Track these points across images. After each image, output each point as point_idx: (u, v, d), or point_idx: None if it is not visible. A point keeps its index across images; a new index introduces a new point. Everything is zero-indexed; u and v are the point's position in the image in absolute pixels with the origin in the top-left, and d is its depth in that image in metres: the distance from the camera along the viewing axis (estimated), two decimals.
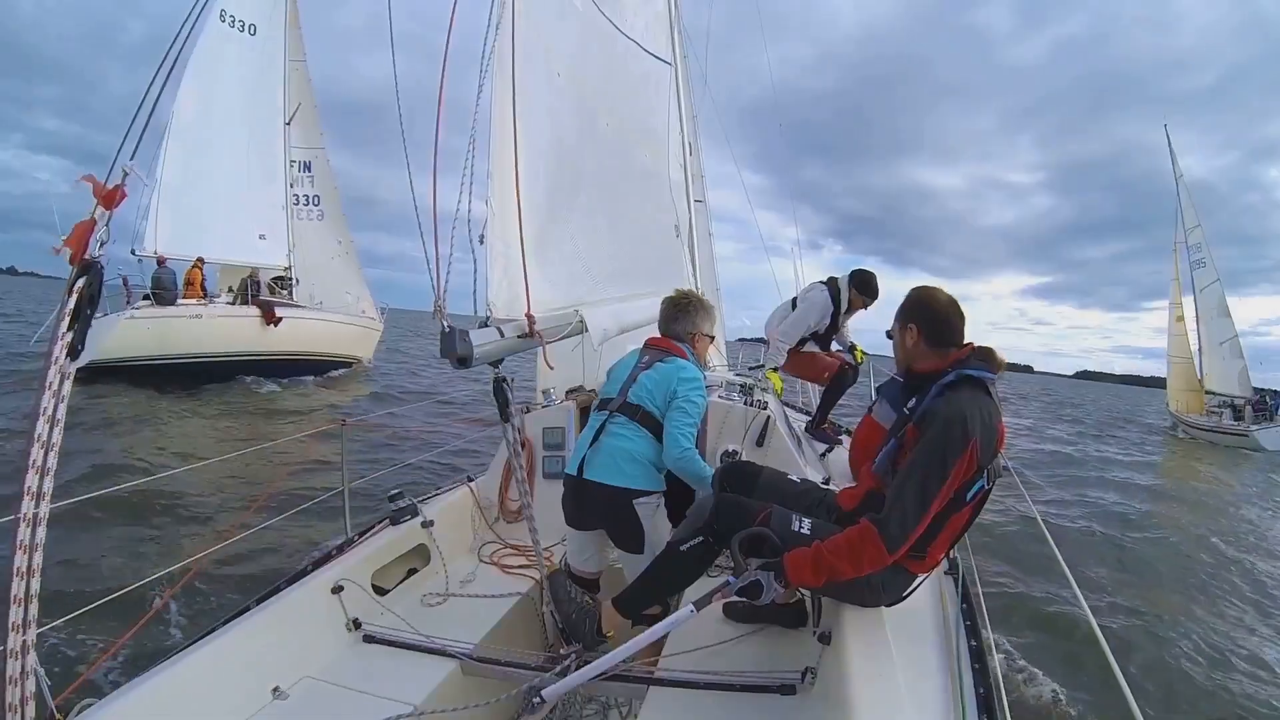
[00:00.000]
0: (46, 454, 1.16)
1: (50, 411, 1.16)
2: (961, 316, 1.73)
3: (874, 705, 1.39)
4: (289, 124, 14.02)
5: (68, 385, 1.19)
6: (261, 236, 13.39)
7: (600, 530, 2.23)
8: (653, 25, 3.45)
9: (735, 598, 1.64)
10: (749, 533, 1.68)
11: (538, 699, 1.60)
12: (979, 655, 1.73)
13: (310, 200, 15.27)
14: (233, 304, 12.84)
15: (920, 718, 1.48)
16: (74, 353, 1.18)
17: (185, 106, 11.77)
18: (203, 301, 12.31)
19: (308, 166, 15.06)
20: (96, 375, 10.37)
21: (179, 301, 11.86)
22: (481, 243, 1.75)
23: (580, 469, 2.15)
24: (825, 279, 4.12)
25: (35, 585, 1.17)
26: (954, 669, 1.68)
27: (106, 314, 10.86)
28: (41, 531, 1.17)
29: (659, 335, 2.38)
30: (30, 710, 1.19)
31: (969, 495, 1.62)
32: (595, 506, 2.15)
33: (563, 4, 2.48)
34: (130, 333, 10.86)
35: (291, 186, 14.33)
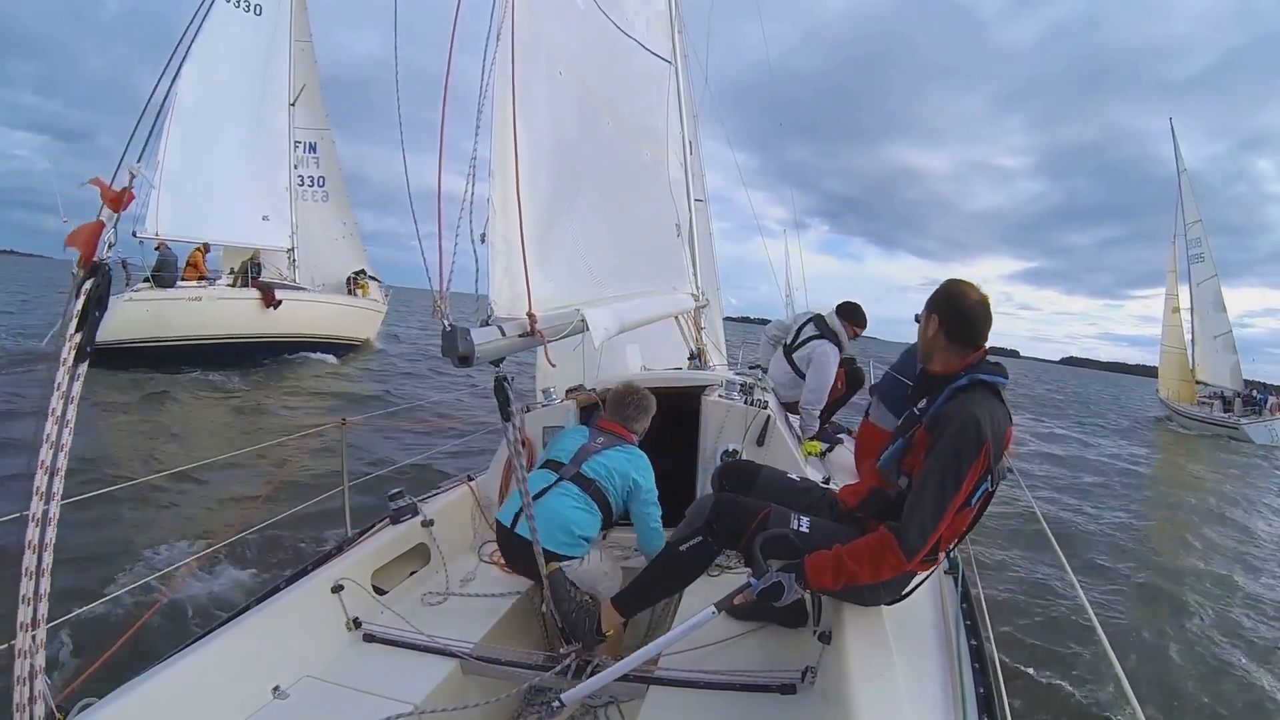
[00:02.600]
0: (56, 454, 1.16)
1: (60, 412, 1.16)
2: (988, 319, 1.69)
3: (874, 705, 1.39)
4: (294, 105, 13.96)
5: (77, 386, 1.19)
6: (264, 218, 13.33)
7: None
8: (653, 23, 3.44)
9: (756, 599, 1.64)
10: (770, 534, 1.69)
11: (557, 703, 1.60)
12: (979, 655, 1.73)
13: (315, 181, 15.28)
14: (233, 286, 12.84)
15: (920, 718, 1.48)
16: (82, 354, 1.19)
17: (187, 88, 11.70)
18: (202, 284, 12.31)
19: (313, 147, 15.06)
20: (95, 357, 10.32)
21: (179, 284, 11.87)
22: (483, 241, 1.75)
23: (514, 522, 2.21)
24: (813, 323, 4.12)
25: (45, 585, 1.18)
26: (954, 669, 1.68)
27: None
28: (51, 531, 1.17)
29: (608, 419, 2.55)
30: (39, 709, 1.19)
31: (973, 498, 1.62)
32: (523, 562, 2.20)
33: (563, 3, 2.48)
34: (129, 315, 10.88)
35: (296, 168, 14.27)
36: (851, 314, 4.14)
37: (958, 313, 1.70)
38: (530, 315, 1.85)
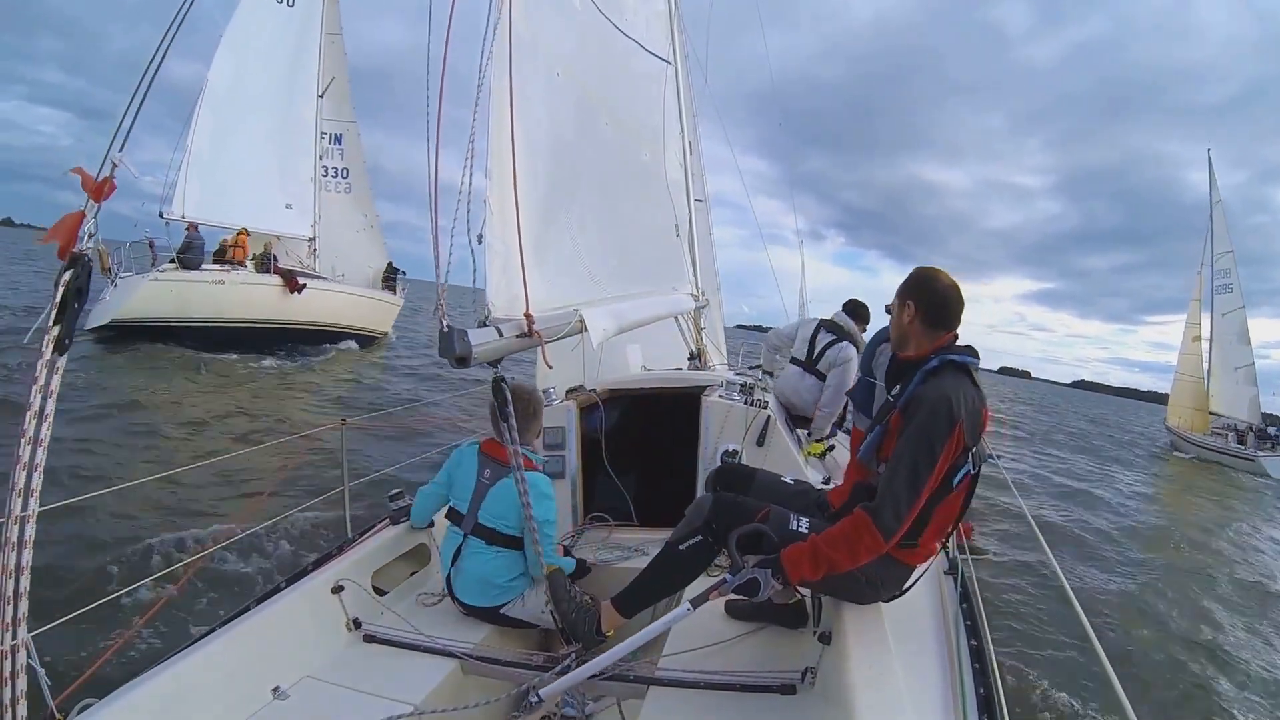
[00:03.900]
0: (34, 450, 1.14)
1: (38, 407, 1.14)
2: (961, 301, 1.72)
3: (874, 705, 1.39)
4: (322, 96, 14.07)
5: (56, 379, 1.16)
6: (288, 206, 13.48)
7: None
8: (652, 23, 3.44)
9: (734, 596, 1.64)
10: (746, 530, 1.68)
11: (535, 698, 1.60)
12: (979, 655, 1.73)
13: (339, 173, 15.42)
14: (257, 271, 12.96)
15: (920, 718, 1.48)
16: (61, 347, 1.15)
17: (219, 75, 11.91)
18: (226, 268, 12.44)
19: (338, 139, 15.19)
20: (118, 334, 10.63)
21: (204, 267, 12.03)
22: (480, 243, 1.75)
23: (450, 585, 2.23)
24: (829, 328, 4.05)
25: (25, 583, 1.16)
26: (954, 669, 1.68)
27: (132, 274, 11.17)
28: (31, 529, 1.15)
29: (493, 439, 2.28)
30: (22, 710, 1.18)
31: (955, 480, 1.62)
32: (477, 616, 2.23)
33: (561, 3, 2.47)
34: (153, 294, 11.08)
35: (321, 159, 14.41)
36: (857, 311, 4.11)
37: (932, 297, 1.72)
38: (528, 316, 1.85)
